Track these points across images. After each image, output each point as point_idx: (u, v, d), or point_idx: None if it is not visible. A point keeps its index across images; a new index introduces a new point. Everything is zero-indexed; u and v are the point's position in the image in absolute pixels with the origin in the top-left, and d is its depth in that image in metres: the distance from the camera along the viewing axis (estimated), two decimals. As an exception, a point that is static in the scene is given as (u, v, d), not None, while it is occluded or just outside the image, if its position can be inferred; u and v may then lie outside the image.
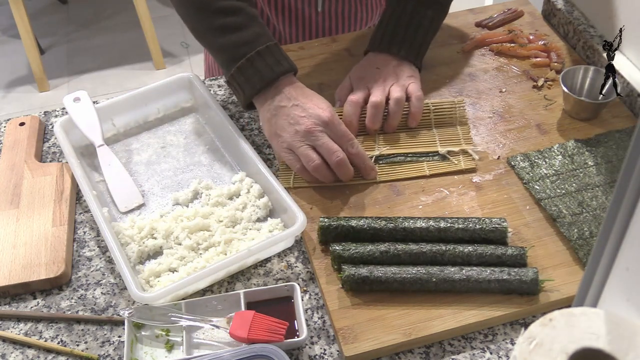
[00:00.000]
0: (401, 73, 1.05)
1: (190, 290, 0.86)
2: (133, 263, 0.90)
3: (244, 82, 0.98)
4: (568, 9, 1.21)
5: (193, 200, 0.99)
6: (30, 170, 1.02)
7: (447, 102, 1.05)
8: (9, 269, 0.89)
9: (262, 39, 0.97)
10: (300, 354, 0.81)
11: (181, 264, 0.90)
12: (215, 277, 0.88)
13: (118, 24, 3.21)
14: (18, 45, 2.89)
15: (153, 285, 0.87)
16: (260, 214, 0.96)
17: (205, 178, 1.01)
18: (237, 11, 0.98)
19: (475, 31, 1.23)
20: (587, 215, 0.90)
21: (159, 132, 1.09)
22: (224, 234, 0.92)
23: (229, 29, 0.98)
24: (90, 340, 0.84)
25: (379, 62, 1.07)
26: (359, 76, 1.06)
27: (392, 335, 0.80)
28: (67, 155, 0.99)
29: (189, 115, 1.12)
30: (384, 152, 1.01)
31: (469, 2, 1.25)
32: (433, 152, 1.01)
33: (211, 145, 1.07)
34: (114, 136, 1.09)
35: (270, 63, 0.96)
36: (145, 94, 1.10)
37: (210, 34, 1.00)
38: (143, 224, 0.94)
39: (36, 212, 0.97)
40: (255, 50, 0.96)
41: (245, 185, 0.99)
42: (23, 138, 1.08)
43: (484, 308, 0.82)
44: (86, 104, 1.06)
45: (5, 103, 2.85)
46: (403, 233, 0.87)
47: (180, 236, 0.93)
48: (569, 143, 1.01)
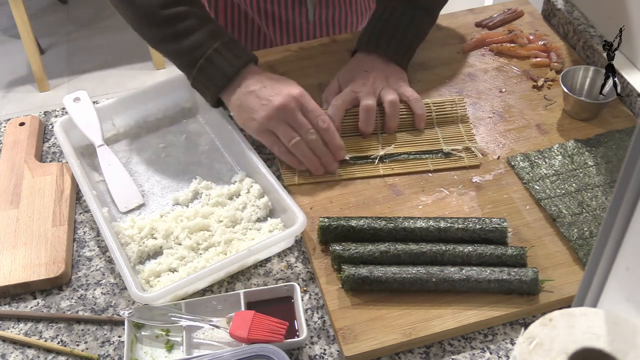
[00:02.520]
0: (390, 76, 1.05)
1: (190, 290, 0.86)
2: (133, 263, 0.90)
3: (207, 81, 0.98)
4: (568, 9, 1.21)
5: (193, 200, 0.99)
6: (30, 170, 1.02)
7: (447, 101, 1.06)
8: (9, 269, 0.89)
9: (216, 37, 0.97)
10: (300, 354, 0.81)
11: (181, 264, 0.90)
12: (215, 277, 0.88)
13: (118, 24, 3.19)
14: (18, 45, 2.89)
15: (153, 285, 0.87)
16: (260, 214, 0.96)
17: (205, 178, 1.01)
18: (184, 16, 0.98)
19: (475, 31, 1.23)
20: (587, 215, 0.90)
21: (159, 132, 1.09)
22: (224, 234, 0.92)
23: (180, 35, 0.98)
24: (90, 340, 0.84)
25: (367, 64, 1.06)
26: (347, 78, 1.06)
27: (392, 335, 0.80)
28: (67, 155, 0.99)
29: (189, 115, 1.12)
30: (389, 151, 1.01)
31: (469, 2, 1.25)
32: (437, 150, 1.01)
33: (211, 145, 1.07)
34: (114, 136, 1.09)
35: (228, 58, 0.97)
36: (145, 93, 1.09)
37: (163, 43, 1.00)
38: (143, 224, 0.94)
39: (36, 212, 0.96)
40: (211, 48, 0.96)
41: (245, 185, 0.99)
42: (23, 138, 1.08)
43: (483, 308, 0.82)
44: (86, 104, 1.06)
45: (5, 103, 2.85)
46: (403, 233, 0.87)
47: (180, 236, 0.92)
48: (569, 143, 1.01)
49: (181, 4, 0.98)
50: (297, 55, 1.18)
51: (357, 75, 1.05)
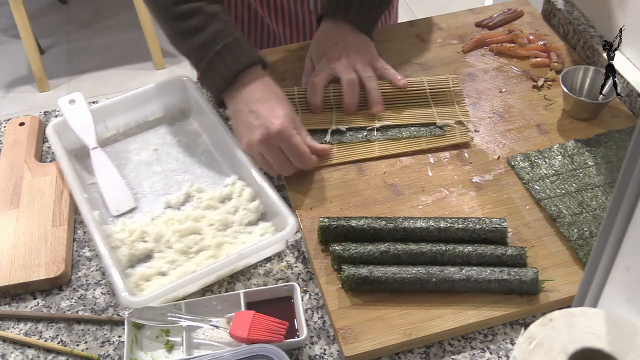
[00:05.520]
0: (362, 50, 1.07)
1: (180, 294, 0.86)
2: (123, 266, 0.90)
3: (209, 83, 0.99)
4: (568, 9, 1.21)
5: (185, 203, 0.98)
6: (30, 170, 1.02)
7: (441, 79, 1.09)
8: (8, 269, 0.89)
9: (220, 37, 0.97)
10: (300, 354, 0.81)
11: (171, 268, 0.89)
12: (206, 281, 0.87)
13: (118, 24, 3.20)
14: (18, 45, 2.89)
15: (143, 289, 0.87)
16: (252, 218, 0.95)
17: (198, 181, 1.01)
18: (195, 13, 0.98)
19: (475, 31, 1.23)
20: (587, 215, 0.90)
21: (152, 135, 1.09)
22: (214, 237, 0.92)
23: (190, 32, 0.98)
24: (90, 340, 0.84)
25: (337, 36, 1.07)
26: (319, 54, 1.07)
27: (392, 335, 0.80)
28: (59, 158, 0.99)
29: (182, 117, 1.11)
30: (385, 123, 1.04)
31: (469, 2, 1.25)
32: (431, 123, 1.04)
33: (204, 148, 1.06)
34: (107, 138, 1.09)
35: (228, 62, 0.96)
36: (139, 96, 1.09)
37: (177, 39, 1.01)
38: (134, 228, 0.93)
39: (36, 212, 0.96)
40: (213, 51, 0.96)
41: (237, 188, 0.98)
42: (23, 138, 1.08)
43: (483, 308, 0.82)
44: (81, 106, 1.06)
45: (5, 103, 2.85)
46: (403, 233, 0.87)
47: (171, 240, 0.92)
48: (569, 143, 1.01)
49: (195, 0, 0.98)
50: (297, 55, 1.18)
51: (328, 50, 1.07)
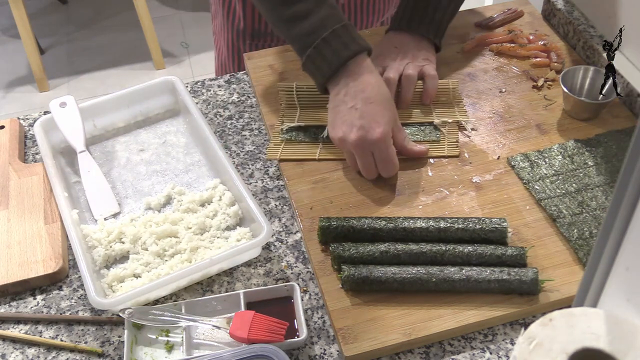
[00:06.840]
0: (418, 54, 1.09)
1: (151, 297, 0.86)
2: (99, 267, 0.90)
3: (315, 70, 0.98)
4: (568, 9, 1.21)
5: (166, 205, 0.98)
6: (15, 172, 1.03)
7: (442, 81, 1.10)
8: (5, 268, 0.90)
9: (328, 23, 0.96)
10: (300, 354, 0.81)
11: (145, 270, 0.89)
12: (178, 285, 0.87)
13: (118, 24, 3.20)
14: (18, 45, 2.89)
15: (116, 290, 0.87)
16: (230, 222, 0.95)
17: (180, 183, 1.01)
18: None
19: (475, 31, 1.23)
20: (587, 216, 0.90)
21: (140, 135, 1.09)
22: (190, 241, 0.91)
23: (297, 18, 0.97)
24: (90, 341, 0.84)
25: (397, 41, 1.10)
26: (377, 54, 1.08)
27: (392, 335, 0.80)
28: (44, 156, 1.00)
29: (171, 119, 1.11)
30: None
31: (469, 2, 1.25)
32: (428, 122, 1.05)
33: (189, 150, 1.06)
34: (95, 137, 1.09)
35: (336, 48, 0.95)
36: (129, 96, 1.09)
37: (282, 25, 1.00)
38: (112, 228, 0.93)
39: (27, 211, 0.97)
40: (321, 37, 0.95)
41: (218, 192, 0.98)
42: (4, 141, 1.08)
43: (483, 308, 0.82)
44: (71, 109, 1.06)
45: (5, 103, 2.85)
46: (403, 233, 0.87)
47: (147, 242, 0.92)
48: (569, 143, 1.01)
49: None
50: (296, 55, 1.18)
51: (386, 51, 1.09)
